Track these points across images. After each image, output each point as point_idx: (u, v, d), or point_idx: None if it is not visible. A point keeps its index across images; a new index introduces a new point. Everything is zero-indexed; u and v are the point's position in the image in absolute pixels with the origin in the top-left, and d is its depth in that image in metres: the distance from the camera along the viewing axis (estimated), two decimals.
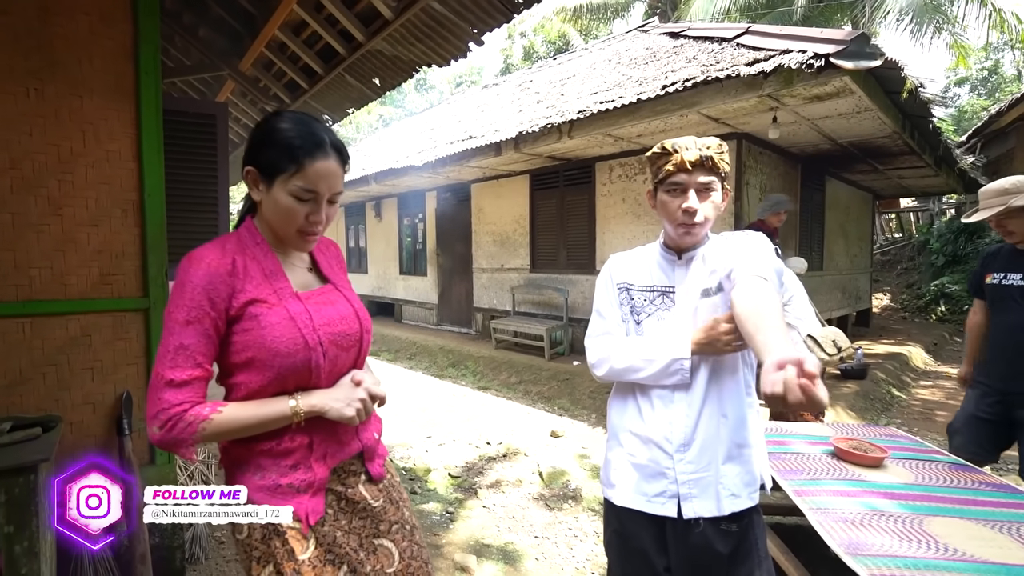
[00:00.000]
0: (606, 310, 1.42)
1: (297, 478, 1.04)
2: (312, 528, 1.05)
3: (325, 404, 1.03)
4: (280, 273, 1.07)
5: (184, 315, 0.95)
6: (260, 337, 0.99)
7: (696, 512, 1.26)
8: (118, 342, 2.03)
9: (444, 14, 3.03)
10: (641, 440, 1.33)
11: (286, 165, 0.99)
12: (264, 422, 1.00)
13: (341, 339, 1.09)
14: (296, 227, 1.03)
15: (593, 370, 1.40)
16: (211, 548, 2.58)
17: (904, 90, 4.23)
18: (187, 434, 0.93)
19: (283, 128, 1.00)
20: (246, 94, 4.75)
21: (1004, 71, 21.12)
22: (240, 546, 1.06)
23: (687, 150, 1.24)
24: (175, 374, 0.94)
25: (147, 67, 2.02)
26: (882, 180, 8.33)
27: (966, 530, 1.72)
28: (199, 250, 1.00)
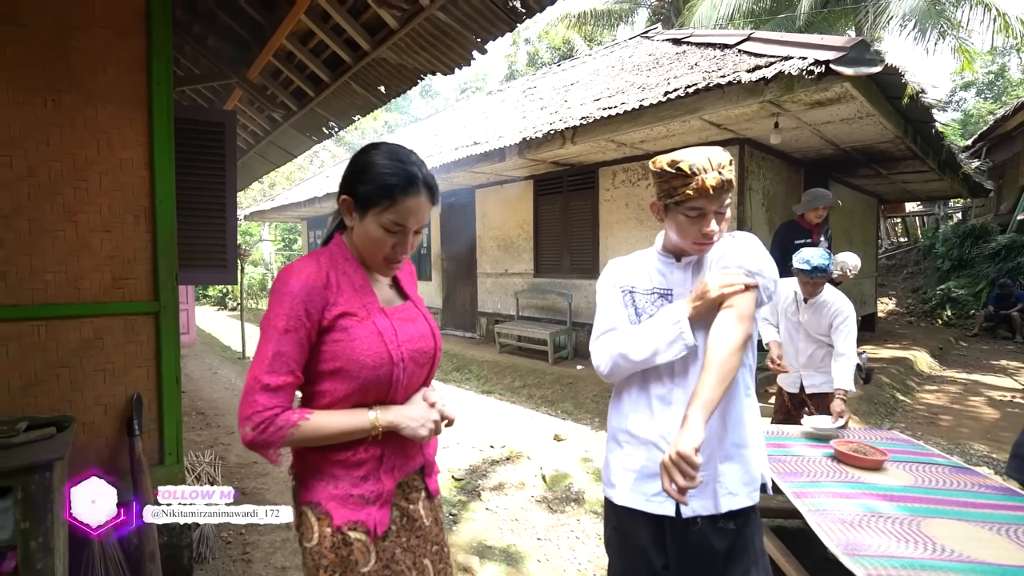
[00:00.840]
0: (612, 310, 1.43)
1: (367, 489, 1.08)
2: (376, 541, 1.09)
3: (401, 421, 1.08)
4: (368, 288, 1.12)
5: (284, 324, 1.00)
6: (349, 348, 1.04)
7: (694, 511, 1.28)
8: (129, 345, 2.09)
9: (448, 23, 3.09)
10: (640, 441, 1.35)
11: (380, 200, 1.05)
12: (345, 432, 1.05)
13: (419, 356, 1.14)
14: (382, 256, 1.09)
15: (599, 369, 1.42)
16: (218, 548, 2.62)
17: (905, 95, 4.25)
18: (276, 437, 0.98)
19: (381, 164, 1.06)
20: (253, 102, 4.82)
21: (1010, 75, 21.04)
22: (308, 553, 1.09)
23: (706, 173, 1.22)
24: (271, 379, 0.99)
25: (159, 77, 2.09)
26: (886, 185, 8.32)
27: (964, 531, 1.74)
28: (297, 263, 1.06)
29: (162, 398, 2.15)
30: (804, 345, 3.04)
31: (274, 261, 20.03)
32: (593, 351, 1.44)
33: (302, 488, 1.11)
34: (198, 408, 5.35)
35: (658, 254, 1.44)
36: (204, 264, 3.15)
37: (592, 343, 1.46)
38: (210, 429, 4.69)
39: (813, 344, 3.03)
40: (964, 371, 6.99)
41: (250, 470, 3.73)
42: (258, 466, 3.81)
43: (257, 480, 3.55)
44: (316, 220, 14.31)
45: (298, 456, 1.12)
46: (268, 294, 1.09)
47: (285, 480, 3.55)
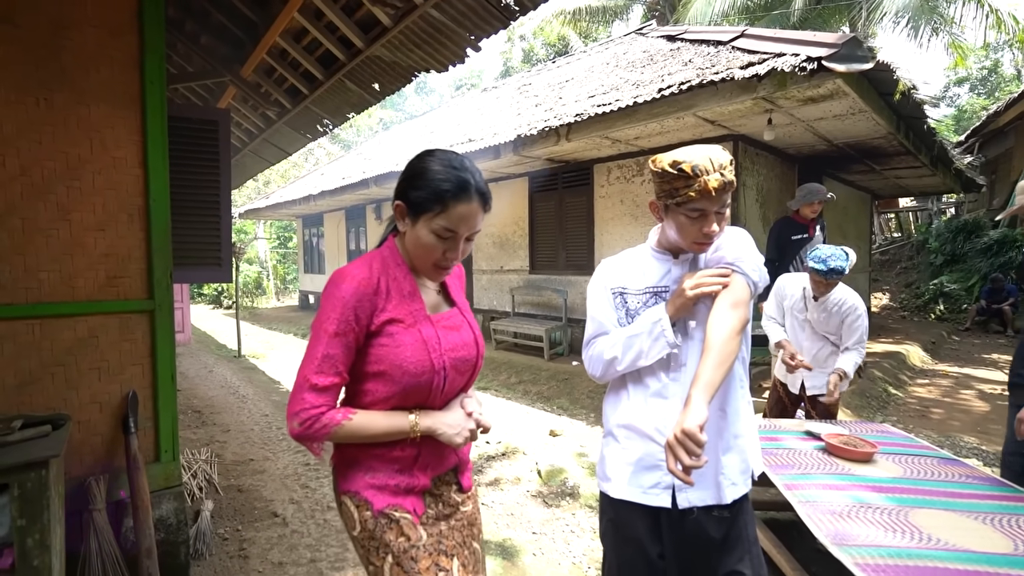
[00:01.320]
0: (602, 314, 1.44)
1: (403, 480, 1.13)
2: (420, 519, 1.14)
3: (439, 428, 1.12)
4: (417, 295, 1.15)
5: (334, 327, 1.04)
6: (394, 354, 1.07)
7: (690, 502, 1.30)
8: (124, 343, 2.09)
9: (442, 21, 3.09)
10: (636, 434, 1.37)
11: (432, 206, 1.07)
12: (386, 433, 1.09)
13: (460, 364, 1.17)
14: (432, 261, 1.12)
15: (589, 370, 1.44)
16: (215, 544, 2.64)
17: (897, 92, 4.28)
18: (321, 434, 1.03)
19: (435, 170, 1.07)
20: (247, 100, 4.81)
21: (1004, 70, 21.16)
22: (356, 543, 1.14)
23: (709, 175, 1.22)
24: (319, 379, 1.03)
25: (152, 76, 2.09)
26: (880, 180, 8.37)
27: (950, 521, 1.77)
28: (349, 268, 1.09)
29: (157, 396, 2.16)
30: (809, 344, 3.01)
31: (269, 259, 19.99)
32: (585, 357, 1.46)
33: (340, 479, 1.15)
34: (194, 406, 5.35)
35: (653, 251, 1.44)
36: (199, 262, 3.16)
37: (584, 348, 1.47)
38: (206, 427, 4.69)
39: (819, 343, 2.99)
40: (956, 365, 7.06)
41: (247, 467, 3.74)
42: (255, 463, 3.82)
43: (254, 477, 3.56)
44: (311, 218, 14.29)
45: (338, 449, 1.16)
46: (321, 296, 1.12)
47: (281, 477, 3.57)
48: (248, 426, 4.74)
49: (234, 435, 4.48)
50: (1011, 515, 1.79)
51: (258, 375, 7.09)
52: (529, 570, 2.53)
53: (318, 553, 2.61)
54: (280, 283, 19.73)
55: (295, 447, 4.15)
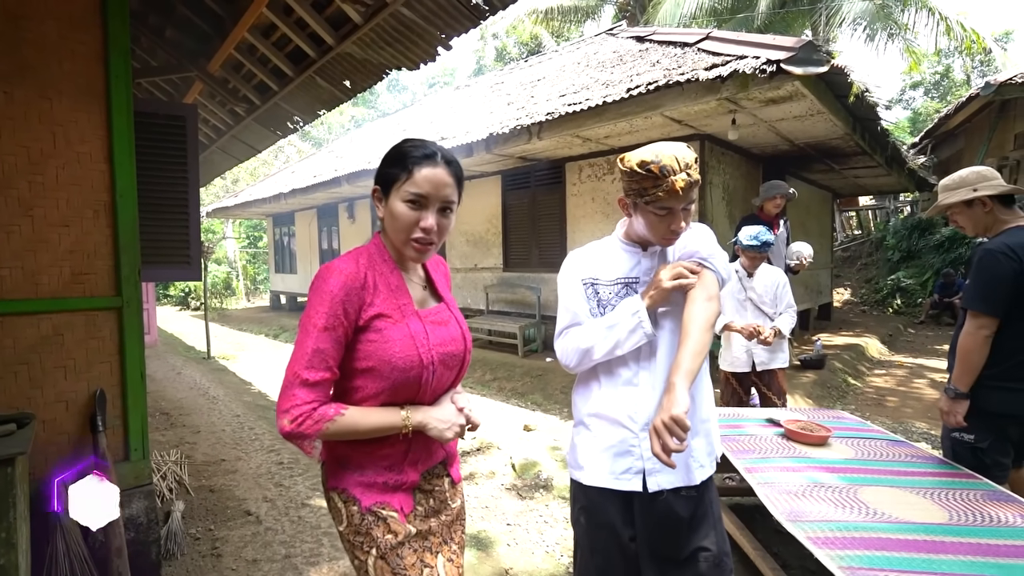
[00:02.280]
0: (574, 304, 1.46)
1: (392, 478, 1.14)
2: (408, 517, 1.15)
3: (430, 422, 1.13)
4: (404, 289, 1.15)
5: (324, 322, 1.04)
6: (382, 350, 1.07)
7: (660, 485, 1.35)
8: (91, 340, 2.06)
9: (413, 19, 3.12)
10: (608, 422, 1.41)
11: (398, 173, 1.09)
12: (378, 429, 1.09)
13: (448, 359, 1.17)
14: (409, 235, 1.10)
15: (563, 361, 1.47)
16: (187, 544, 2.61)
17: (851, 94, 4.48)
18: (313, 430, 1.02)
19: (399, 145, 1.12)
20: (215, 95, 4.73)
21: (955, 75, 22.14)
22: (342, 538, 1.15)
23: (675, 175, 1.26)
24: (310, 375, 1.03)
25: (117, 70, 2.06)
26: (840, 180, 8.70)
27: (894, 496, 1.89)
28: (336, 263, 1.09)
29: (126, 394, 2.14)
30: (753, 320, 3.23)
31: (239, 259, 19.53)
32: (557, 347, 1.49)
33: (330, 476, 1.16)
34: (162, 408, 5.23)
35: (621, 243, 1.47)
36: (167, 261, 3.11)
37: (556, 339, 1.50)
38: (175, 429, 4.60)
39: (761, 317, 3.26)
40: (911, 356, 7.41)
41: (218, 468, 3.69)
42: (226, 464, 3.78)
43: (226, 477, 3.52)
44: (282, 217, 14.04)
45: (327, 446, 1.16)
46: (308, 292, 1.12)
47: (254, 476, 3.54)
48: (219, 427, 4.67)
49: (204, 436, 4.41)
50: (948, 489, 1.93)
51: (228, 376, 6.96)
52: (503, 560, 2.59)
53: (293, 549, 2.61)
54: (250, 283, 19.31)
55: (268, 446, 4.11)
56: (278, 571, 2.44)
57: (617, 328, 1.35)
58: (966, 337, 2.06)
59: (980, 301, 2.02)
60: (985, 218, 2.15)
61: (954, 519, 1.71)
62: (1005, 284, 1.96)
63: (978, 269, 2.05)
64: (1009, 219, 2.10)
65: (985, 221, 2.15)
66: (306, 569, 2.45)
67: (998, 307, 1.98)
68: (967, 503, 1.82)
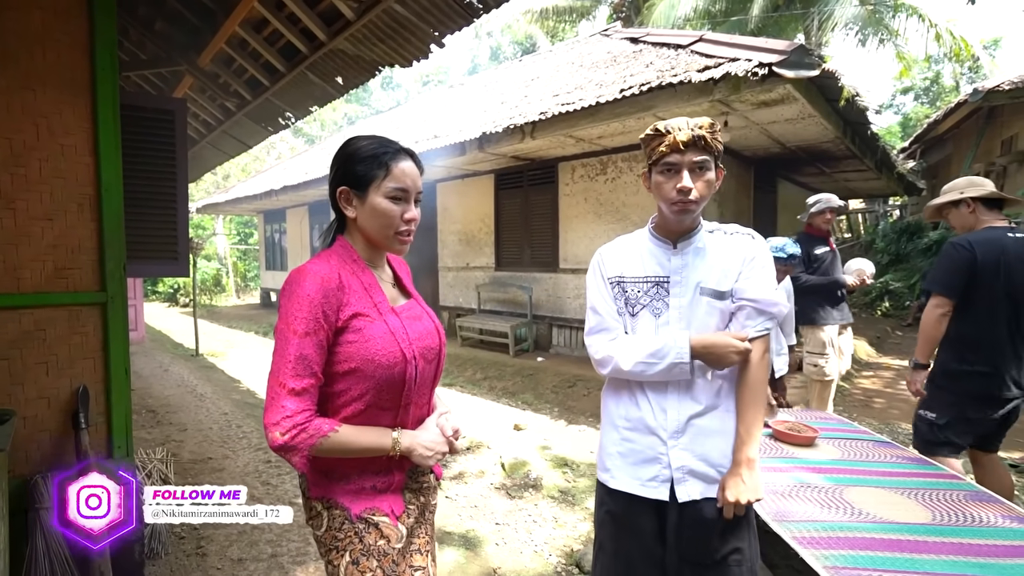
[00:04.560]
0: (601, 306, 1.41)
1: (379, 481, 1.13)
2: (399, 519, 1.14)
3: (416, 449, 1.12)
4: (377, 287, 1.14)
5: (303, 327, 1.01)
6: (364, 349, 1.06)
7: (690, 495, 1.30)
8: (74, 336, 2.03)
9: (406, 16, 3.10)
10: (638, 427, 1.36)
11: (376, 172, 1.09)
12: (369, 449, 1.08)
13: (428, 352, 1.17)
14: (395, 229, 1.11)
15: (598, 368, 1.41)
16: (171, 543, 2.58)
17: (842, 98, 4.51)
18: (306, 445, 0.99)
19: (363, 145, 1.12)
20: (205, 90, 4.68)
21: (944, 81, 22.39)
22: (319, 542, 1.13)
23: (679, 131, 1.24)
24: (296, 383, 1.00)
25: (103, 61, 2.03)
26: (830, 183, 8.77)
27: (879, 497, 1.91)
28: (309, 265, 1.07)
29: (110, 390, 2.11)
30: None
31: (229, 256, 19.37)
32: (589, 347, 1.43)
33: (313, 485, 1.14)
34: (148, 406, 5.17)
35: (651, 236, 1.41)
36: (154, 256, 3.07)
37: (587, 337, 1.45)
38: (161, 427, 4.55)
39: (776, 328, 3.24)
40: (898, 357, 7.47)
41: (205, 466, 3.66)
42: (213, 462, 3.74)
43: (212, 476, 3.48)
44: (273, 213, 13.95)
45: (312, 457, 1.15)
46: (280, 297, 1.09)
47: (242, 476, 3.51)
48: (207, 425, 4.62)
49: (191, 434, 4.36)
50: (932, 490, 1.95)
51: (217, 374, 6.90)
52: (492, 559, 2.58)
53: (279, 548, 2.59)
54: (241, 280, 19.14)
55: (256, 444, 4.08)
56: (264, 570, 2.42)
57: (658, 368, 1.30)
58: (925, 314, 2.42)
59: (938, 284, 2.37)
60: (969, 218, 2.47)
61: (937, 519, 1.72)
62: (960, 271, 2.30)
63: (941, 257, 2.42)
64: (988, 220, 2.42)
65: (969, 221, 2.47)
66: (292, 568, 2.43)
67: (953, 290, 2.32)
68: (950, 503, 1.84)
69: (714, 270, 1.32)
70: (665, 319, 1.34)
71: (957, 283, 2.31)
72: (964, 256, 2.30)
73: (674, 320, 1.33)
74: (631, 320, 1.38)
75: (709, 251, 1.34)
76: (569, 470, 3.61)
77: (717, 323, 1.33)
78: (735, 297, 1.32)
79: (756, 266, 1.32)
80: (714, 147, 1.27)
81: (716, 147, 1.27)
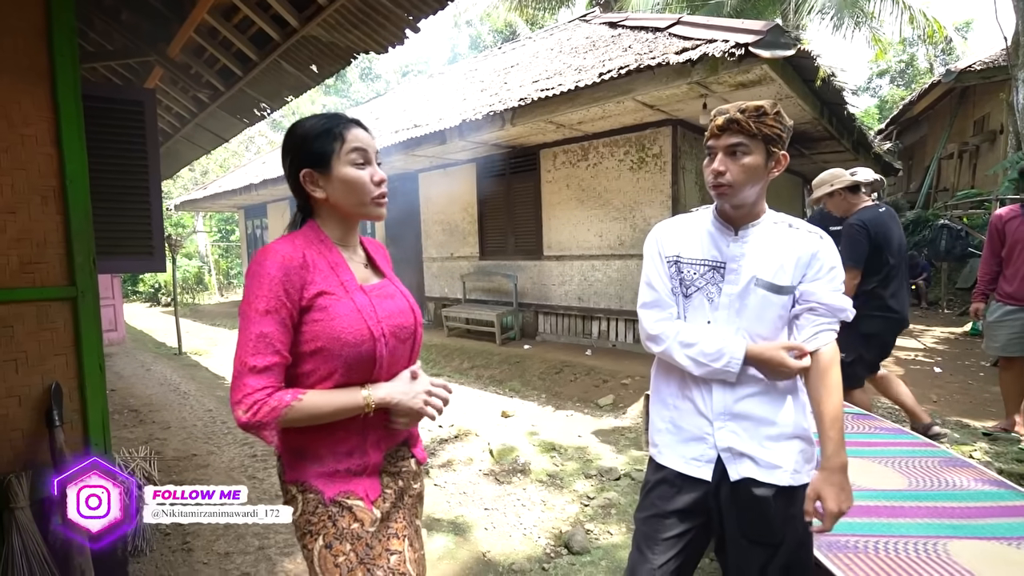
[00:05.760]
0: (656, 282, 1.38)
1: (353, 463, 1.11)
2: (374, 503, 1.12)
3: (393, 396, 1.09)
4: (344, 266, 1.12)
5: (264, 305, 1.00)
6: (329, 327, 1.04)
7: (740, 474, 1.27)
8: (44, 332, 1.98)
9: (379, 0, 3.04)
10: (683, 406, 1.36)
11: (332, 145, 1.09)
12: (339, 410, 1.05)
13: (400, 331, 1.15)
14: (369, 194, 1.11)
15: (646, 343, 1.40)
16: (155, 540, 2.55)
17: (818, 78, 4.54)
18: (271, 417, 0.98)
19: (312, 124, 1.11)
20: (176, 81, 4.56)
21: (919, 64, 22.69)
22: (295, 526, 1.12)
23: (721, 115, 1.24)
24: (257, 360, 0.98)
25: (62, 49, 1.96)
26: (809, 164, 8.86)
27: (859, 466, 1.95)
28: (271, 245, 1.05)
29: (84, 386, 2.06)
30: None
31: (210, 253, 19.06)
32: (642, 320, 1.41)
33: (288, 468, 1.12)
34: (130, 406, 5.09)
35: (714, 219, 1.37)
36: (128, 251, 3.00)
37: (640, 309, 1.42)
38: (144, 425, 4.49)
39: None
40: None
41: (189, 463, 3.62)
42: (198, 458, 3.70)
43: (197, 472, 3.45)
44: (254, 209, 13.73)
45: (282, 436, 1.12)
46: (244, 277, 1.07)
47: (227, 470, 3.47)
48: (190, 422, 4.57)
49: (175, 432, 4.31)
50: (908, 458, 2.00)
51: (200, 372, 6.81)
52: (481, 544, 2.60)
53: (266, 540, 2.58)
54: (223, 278, 18.85)
55: (241, 439, 4.04)
56: (251, 563, 2.41)
57: (707, 368, 1.28)
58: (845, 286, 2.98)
59: (848, 259, 2.84)
60: (842, 204, 3.23)
61: (913, 484, 1.77)
62: (862, 245, 3.01)
63: (846, 237, 3.06)
64: (857, 202, 3.21)
65: (843, 206, 3.23)
66: (280, 560, 2.42)
67: (859, 261, 3.03)
68: (925, 470, 1.89)
69: (771, 263, 1.28)
70: (716, 305, 1.31)
71: (860, 254, 3.02)
72: (863, 234, 3.01)
73: (724, 307, 1.30)
74: (684, 301, 1.35)
75: (769, 242, 1.30)
76: (557, 454, 3.64)
77: (773, 318, 1.29)
78: (802, 298, 1.28)
79: (825, 268, 1.28)
80: (754, 129, 1.22)
81: (759, 130, 1.22)
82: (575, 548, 2.48)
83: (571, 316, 6.83)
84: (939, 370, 5.48)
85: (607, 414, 4.54)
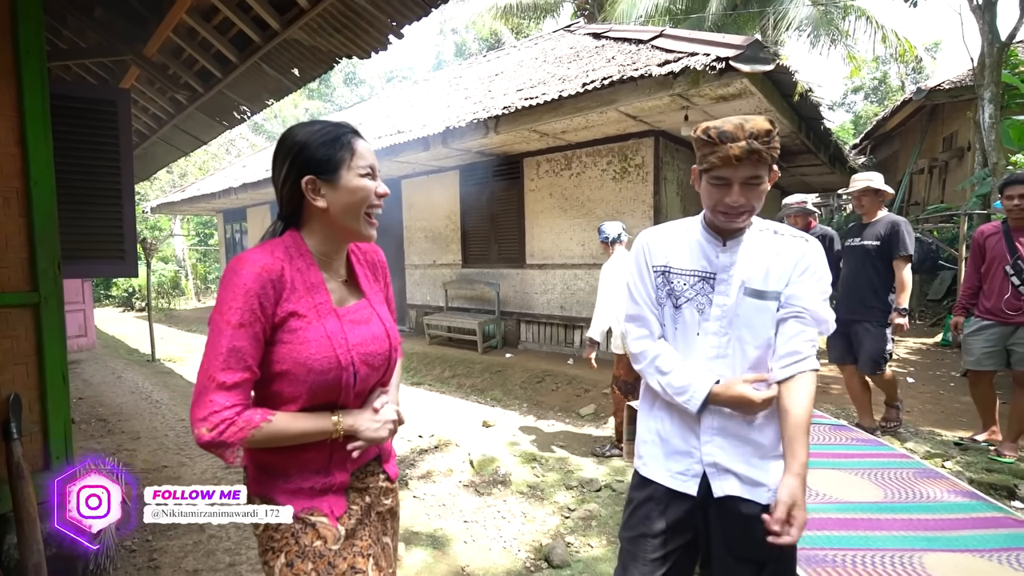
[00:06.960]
0: (638, 294, 1.37)
1: (319, 481, 1.08)
2: (339, 520, 1.09)
3: (361, 424, 1.08)
4: (322, 287, 1.08)
5: (237, 318, 0.95)
6: (296, 351, 1.01)
7: (725, 491, 1.26)
8: (3, 340, 1.90)
9: (362, 5, 3.01)
10: (671, 421, 1.34)
11: (343, 153, 1.05)
12: (308, 434, 1.03)
13: (372, 359, 1.11)
14: (366, 208, 1.08)
15: (633, 361, 1.40)
16: (120, 557, 2.45)
17: (796, 93, 4.64)
18: (236, 438, 0.94)
19: (316, 130, 1.07)
20: (153, 82, 4.46)
21: (891, 81, 23.43)
22: (258, 540, 1.08)
23: (734, 142, 1.17)
24: (227, 376, 0.94)
25: (28, 45, 1.89)
26: (787, 177, 9.05)
27: (836, 478, 1.96)
28: (249, 253, 1.01)
29: (46, 398, 1.98)
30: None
31: (188, 258, 18.65)
32: (627, 335, 1.41)
33: (253, 482, 1.10)
34: (99, 415, 4.92)
35: (703, 228, 1.34)
36: (98, 255, 2.91)
37: (625, 322, 1.42)
38: (112, 435, 4.33)
39: None
40: None
41: (159, 475, 3.50)
42: (168, 470, 3.58)
43: (167, 484, 3.32)
44: (233, 213, 13.49)
45: (248, 451, 1.09)
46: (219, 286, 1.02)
47: (199, 482, 3.35)
48: (161, 432, 4.43)
49: (145, 442, 4.17)
50: (884, 469, 2.02)
51: (175, 379, 6.63)
52: (460, 558, 2.55)
53: (238, 557, 2.49)
54: (200, 283, 18.44)
55: None
56: None
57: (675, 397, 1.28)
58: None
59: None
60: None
61: (889, 496, 1.78)
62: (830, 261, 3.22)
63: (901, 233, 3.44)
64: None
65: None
66: None
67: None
68: (900, 481, 1.91)
69: (758, 269, 1.27)
70: (707, 316, 1.29)
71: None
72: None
73: (715, 319, 1.28)
74: (673, 312, 1.32)
75: (755, 250, 1.29)
76: (538, 465, 3.60)
77: (764, 326, 1.26)
78: (787, 302, 1.25)
79: (809, 274, 1.26)
80: (769, 158, 1.19)
81: (770, 156, 1.19)
82: (555, 562, 2.45)
83: (553, 325, 6.83)
84: (911, 380, 5.59)
85: (588, 424, 4.53)
